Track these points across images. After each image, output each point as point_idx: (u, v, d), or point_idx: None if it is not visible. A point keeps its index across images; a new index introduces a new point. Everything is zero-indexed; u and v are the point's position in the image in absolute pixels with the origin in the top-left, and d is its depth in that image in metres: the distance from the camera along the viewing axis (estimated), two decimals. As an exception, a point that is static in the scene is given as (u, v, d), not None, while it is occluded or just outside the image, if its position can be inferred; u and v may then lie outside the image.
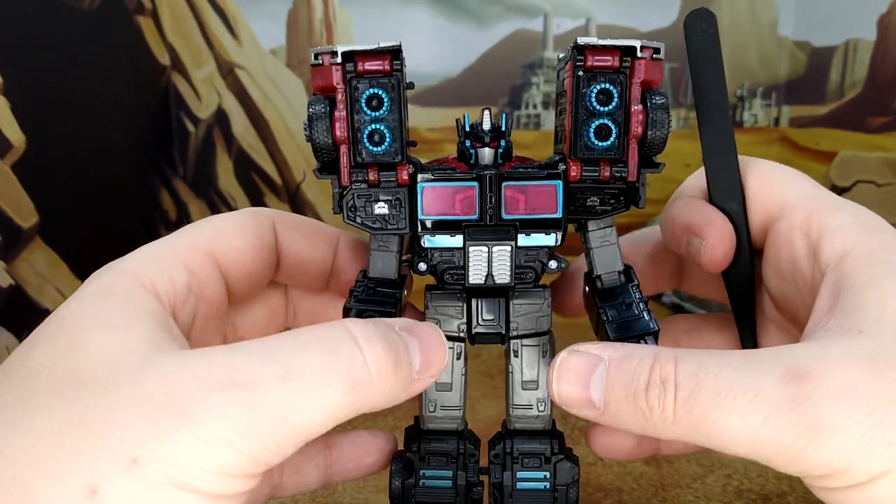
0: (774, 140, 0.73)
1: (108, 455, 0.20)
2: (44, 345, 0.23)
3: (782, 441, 0.22)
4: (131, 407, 0.21)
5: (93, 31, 0.68)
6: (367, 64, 0.28)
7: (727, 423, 0.22)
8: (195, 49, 0.75)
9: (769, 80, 0.73)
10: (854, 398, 0.22)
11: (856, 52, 0.66)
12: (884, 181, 0.63)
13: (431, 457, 0.32)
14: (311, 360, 0.22)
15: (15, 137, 0.60)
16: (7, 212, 0.60)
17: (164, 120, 0.76)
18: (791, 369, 0.22)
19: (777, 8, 0.72)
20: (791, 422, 0.22)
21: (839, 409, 0.22)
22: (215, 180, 0.78)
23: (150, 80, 0.74)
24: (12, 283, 0.61)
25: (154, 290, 0.26)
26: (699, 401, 0.23)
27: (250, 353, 0.22)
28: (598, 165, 0.29)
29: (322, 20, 0.73)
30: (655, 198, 0.77)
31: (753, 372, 0.23)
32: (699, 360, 0.23)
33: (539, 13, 0.72)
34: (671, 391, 0.23)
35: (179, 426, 0.20)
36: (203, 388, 0.21)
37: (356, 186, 0.29)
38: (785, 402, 0.22)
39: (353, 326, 0.23)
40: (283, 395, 0.21)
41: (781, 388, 0.22)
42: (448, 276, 0.30)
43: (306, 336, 0.23)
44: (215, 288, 0.29)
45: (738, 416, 0.22)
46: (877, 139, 0.64)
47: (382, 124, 0.28)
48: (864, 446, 0.21)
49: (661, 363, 0.24)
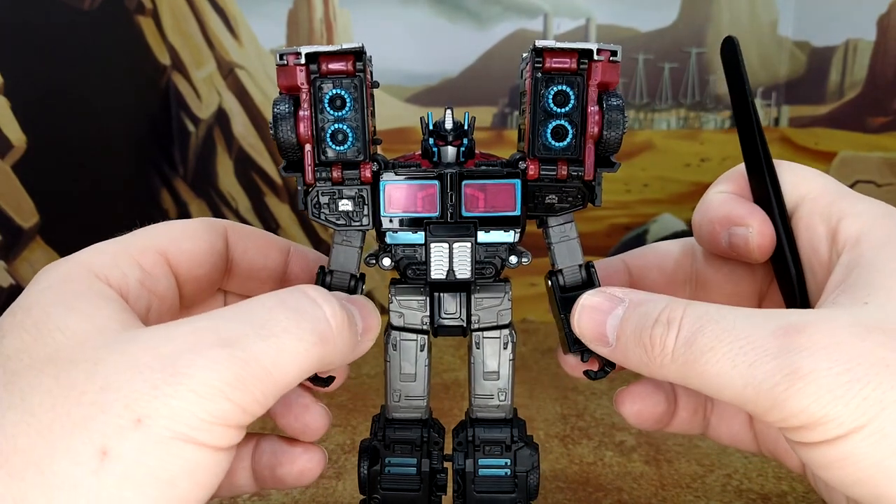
0: (774, 140, 0.73)
1: (112, 418, 0.22)
2: (14, 331, 0.24)
3: (763, 385, 0.23)
4: (126, 372, 0.22)
5: (93, 31, 0.68)
6: (330, 65, 0.29)
7: (718, 366, 0.24)
8: (195, 49, 0.75)
9: (769, 80, 0.73)
10: (837, 354, 0.23)
11: (856, 53, 0.66)
12: (884, 181, 0.63)
13: (396, 444, 0.33)
14: (281, 319, 0.24)
15: (15, 137, 0.60)
16: (7, 212, 0.60)
17: (164, 120, 0.76)
18: (787, 325, 0.24)
19: (777, 8, 0.72)
20: (774, 368, 0.23)
21: (821, 362, 0.23)
22: (215, 180, 0.78)
23: (150, 80, 0.74)
24: (12, 283, 0.61)
25: (108, 282, 0.27)
26: (697, 342, 0.24)
27: (228, 318, 0.24)
28: (556, 164, 0.30)
29: (322, 20, 0.73)
30: (656, 198, 0.78)
31: (753, 325, 0.24)
32: (706, 308, 0.25)
33: (539, 13, 0.72)
34: (674, 330, 0.25)
35: (177, 383, 0.22)
36: (192, 348, 0.23)
37: (321, 184, 0.30)
38: (773, 350, 0.23)
39: (309, 289, 0.26)
40: (262, 349, 0.24)
41: (773, 339, 0.23)
42: (410, 272, 0.31)
43: (272, 300, 0.25)
44: (166, 285, 0.30)
45: (729, 359, 0.24)
46: (877, 139, 0.64)
47: (345, 124, 0.29)
48: (839, 398, 0.22)
49: (672, 307, 0.25)
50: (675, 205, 0.75)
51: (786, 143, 0.73)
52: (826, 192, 0.29)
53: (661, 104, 0.74)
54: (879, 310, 0.24)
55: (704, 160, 0.74)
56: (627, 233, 0.76)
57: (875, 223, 0.27)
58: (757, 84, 0.73)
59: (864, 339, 0.23)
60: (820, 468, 0.24)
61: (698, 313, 0.25)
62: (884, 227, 0.27)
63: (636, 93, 0.74)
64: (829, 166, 0.69)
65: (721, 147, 0.74)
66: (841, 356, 0.23)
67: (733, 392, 0.24)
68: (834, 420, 0.22)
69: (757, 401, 0.23)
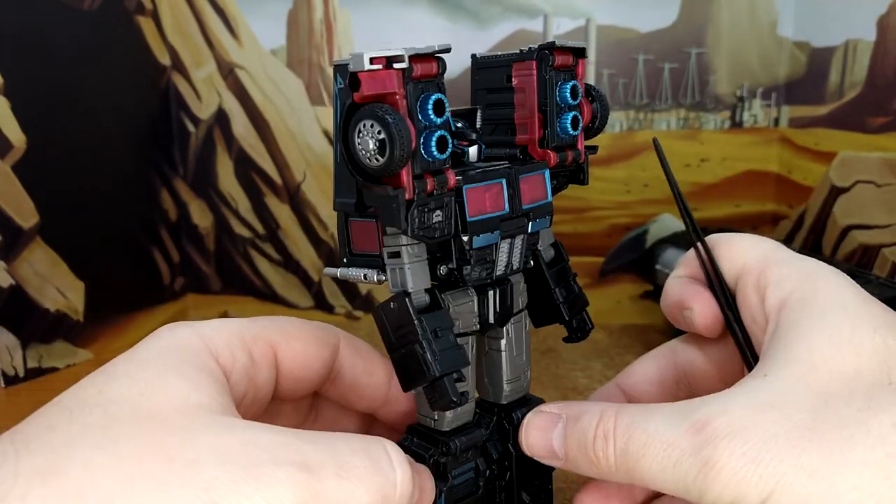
0: (774, 140, 0.73)
1: (190, 493, 0.22)
2: (122, 378, 0.25)
3: (687, 480, 0.26)
4: (213, 456, 0.23)
5: (93, 31, 0.68)
6: (421, 67, 0.27)
7: (650, 468, 0.27)
8: (195, 49, 0.75)
9: (769, 81, 0.73)
10: (738, 438, 0.25)
11: (855, 53, 0.66)
12: (884, 181, 0.63)
13: (461, 455, 0.33)
14: (359, 465, 0.25)
15: (15, 137, 0.60)
16: (7, 212, 0.60)
17: (164, 120, 0.76)
18: (696, 421, 0.26)
19: (777, 8, 0.72)
20: (691, 465, 0.26)
21: (725, 450, 0.25)
22: (215, 180, 0.78)
23: (150, 80, 0.74)
24: (12, 283, 0.61)
25: (220, 362, 0.28)
26: (630, 451, 0.27)
27: (313, 441, 0.25)
28: (566, 151, 0.33)
29: (322, 20, 0.73)
30: (656, 198, 0.77)
31: (671, 425, 0.27)
32: (632, 416, 0.28)
33: (539, 13, 0.72)
34: (611, 443, 0.28)
35: (255, 486, 0.23)
36: (275, 459, 0.24)
37: (419, 197, 0.27)
38: (689, 449, 0.26)
39: (390, 447, 0.27)
40: (334, 486, 0.24)
41: (687, 438, 0.26)
42: (475, 273, 0.31)
43: (357, 443, 0.26)
44: (267, 377, 0.31)
45: (657, 462, 0.26)
46: (877, 139, 0.64)
47: (445, 129, 0.28)
48: (742, 480, 0.25)
49: (604, 419, 0.28)
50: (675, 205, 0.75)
51: (786, 144, 0.73)
52: (757, 262, 0.31)
53: (661, 104, 0.74)
54: (775, 383, 0.27)
55: (704, 160, 0.74)
56: (627, 233, 0.76)
57: (794, 288, 0.29)
58: (757, 84, 0.73)
59: (756, 420, 0.25)
60: None
61: (626, 422, 0.28)
62: (802, 291, 0.29)
63: (636, 93, 0.74)
64: (829, 166, 0.69)
65: (721, 147, 0.74)
66: (740, 440, 0.25)
67: (667, 488, 0.27)
68: (743, 499, 0.25)
69: (687, 493, 0.26)
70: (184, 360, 0.27)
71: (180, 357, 0.27)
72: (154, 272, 0.76)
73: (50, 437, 0.23)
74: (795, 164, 0.72)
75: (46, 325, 0.64)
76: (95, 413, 0.24)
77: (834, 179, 0.68)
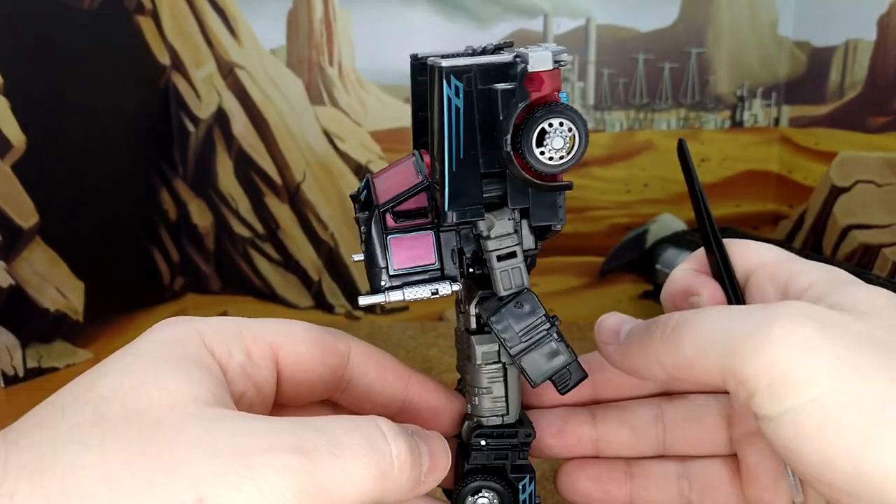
0: (774, 140, 0.73)
1: (177, 490, 0.22)
2: (115, 374, 0.25)
3: (745, 330, 0.25)
4: (201, 450, 0.23)
5: (93, 31, 0.68)
6: None
7: (702, 326, 0.26)
8: (195, 49, 0.75)
9: (769, 80, 0.73)
10: (811, 315, 0.24)
11: (856, 53, 0.66)
12: (884, 181, 0.63)
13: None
14: (352, 443, 0.25)
15: (15, 137, 0.60)
16: (7, 212, 0.60)
17: (164, 120, 0.76)
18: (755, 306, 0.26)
19: (777, 8, 0.72)
20: (756, 317, 0.25)
21: (797, 317, 0.24)
22: (215, 180, 0.78)
23: (150, 80, 0.74)
24: (12, 283, 0.61)
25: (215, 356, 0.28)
26: (687, 320, 0.27)
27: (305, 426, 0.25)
28: None
29: (322, 20, 0.73)
30: (656, 198, 0.77)
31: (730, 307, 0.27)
32: (694, 311, 0.28)
33: (539, 13, 0.72)
34: (670, 321, 0.28)
35: (246, 477, 0.22)
36: (267, 446, 0.23)
37: None
38: (752, 310, 0.26)
39: (382, 423, 0.26)
40: (330, 466, 0.24)
41: (750, 307, 0.26)
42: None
43: (349, 423, 0.26)
44: (266, 377, 0.30)
45: (712, 320, 0.26)
46: (877, 139, 0.64)
47: None
48: (815, 351, 0.23)
49: (666, 316, 0.28)
50: (675, 205, 0.75)
51: (786, 144, 0.73)
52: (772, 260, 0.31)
53: (661, 104, 0.74)
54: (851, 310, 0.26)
55: (704, 160, 0.74)
56: (627, 233, 0.76)
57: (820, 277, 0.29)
58: (757, 84, 0.73)
59: (845, 320, 0.25)
60: (796, 443, 0.24)
61: (687, 314, 0.28)
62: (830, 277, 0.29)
63: (636, 93, 0.74)
64: (829, 166, 0.69)
65: (721, 147, 0.74)
66: (814, 318, 0.24)
67: (716, 348, 0.26)
68: (814, 380, 0.23)
69: (737, 350, 0.25)
70: (178, 354, 0.26)
71: (175, 351, 0.27)
72: (154, 272, 0.76)
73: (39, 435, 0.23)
74: (796, 164, 0.72)
75: (46, 325, 0.64)
76: (85, 411, 0.24)
77: (834, 179, 0.68)
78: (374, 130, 0.74)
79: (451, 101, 0.27)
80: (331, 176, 0.76)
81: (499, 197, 0.29)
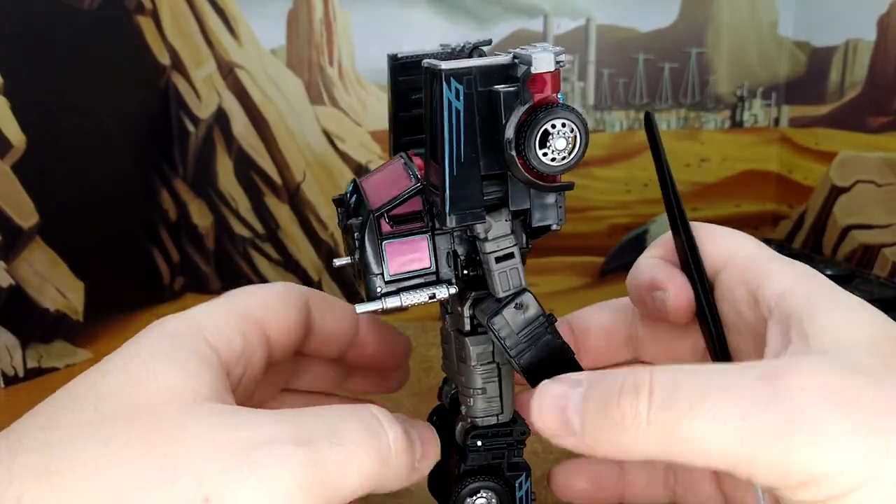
0: (774, 140, 0.73)
1: (181, 490, 0.22)
2: (115, 371, 0.25)
3: (763, 439, 0.21)
4: (204, 448, 0.23)
5: (93, 31, 0.68)
6: None
7: (706, 424, 0.21)
8: (195, 49, 0.75)
9: (769, 80, 0.73)
10: (833, 396, 0.21)
11: (856, 53, 0.66)
12: (884, 181, 0.63)
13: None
14: (351, 430, 0.25)
15: (15, 137, 0.60)
16: (7, 212, 0.60)
17: (164, 120, 0.76)
18: (772, 369, 0.22)
19: (777, 8, 0.72)
20: (773, 416, 0.21)
21: (821, 405, 0.21)
22: (215, 180, 0.78)
23: (150, 80, 0.74)
24: (12, 283, 0.61)
25: (216, 349, 0.28)
26: (676, 400, 0.22)
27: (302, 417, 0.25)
28: None
29: (322, 20, 0.73)
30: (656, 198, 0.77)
31: (733, 373, 0.23)
32: (674, 367, 0.23)
33: (539, 13, 0.72)
34: (645, 394, 0.22)
35: (249, 472, 0.22)
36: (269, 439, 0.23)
37: None
38: (764, 398, 0.21)
39: (375, 410, 0.27)
40: (332, 454, 0.24)
41: (760, 387, 0.22)
42: None
43: (344, 412, 0.26)
44: (260, 354, 0.31)
45: (718, 414, 0.21)
46: (877, 139, 0.64)
47: None
48: (848, 448, 0.21)
49: (636, 373, 0.23)
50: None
51: (786, 144, 0.73)
52: (745, 256, 0.30)
53: (661, 104, 0.74)
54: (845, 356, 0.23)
55: (704, 160, 0.74)
56: (627, 233, 0.76)
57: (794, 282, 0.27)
58: (757, 84, 0.73)
59: (851, 379, 0.22)
60: None
61: (668, 372, 0.23)
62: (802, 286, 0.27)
63: (636, 93, 0.74)
64: (829, 166, 0.69)
65: (721, 147, 0.74)
66: (837, 398, 0.21)
67: (726, 454, 0.21)
68: (845, 473, 0.21)
69: (755, 459, 0.21)
70: (175, 350, 0.27)
71: (172, 347, 0.27)
72: (154, 272, 0.76)
73: (43, 436, 0.23)
74: (796, 164, 0.72)
75: (46, 325, 0.64)
76: (87, 410, 0.24)
77: (834, 179, 0.68)
78: (374, 130, 0.74)
79: (451, 103, 0.26)
80: (331, 176, 0.76)
81: (499, 199, 0.28)
